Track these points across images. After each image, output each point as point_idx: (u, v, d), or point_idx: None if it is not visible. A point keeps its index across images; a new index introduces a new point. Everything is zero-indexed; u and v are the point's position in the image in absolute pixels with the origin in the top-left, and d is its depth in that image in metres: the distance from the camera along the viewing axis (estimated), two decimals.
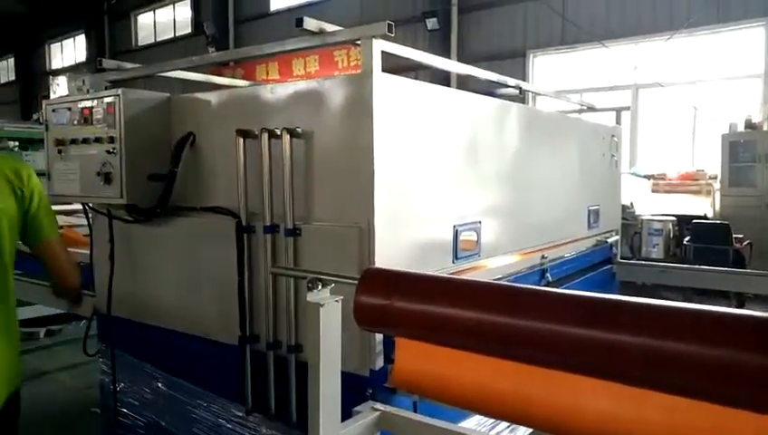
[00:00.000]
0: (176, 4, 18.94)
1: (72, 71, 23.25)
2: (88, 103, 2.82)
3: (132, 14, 20.56)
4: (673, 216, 8.04)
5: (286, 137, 2.36)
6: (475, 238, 2.84)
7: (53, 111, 3.01)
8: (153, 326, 2.98)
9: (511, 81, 3.76)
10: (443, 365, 1.54)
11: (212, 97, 2.78)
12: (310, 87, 2.41)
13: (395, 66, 2.24)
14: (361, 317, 1.49)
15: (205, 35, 16.16)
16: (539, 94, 4.28)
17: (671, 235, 7.92)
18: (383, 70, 2.25)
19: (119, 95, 2.69)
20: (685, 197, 9.03)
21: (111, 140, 2.71)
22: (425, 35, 12.20)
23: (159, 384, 3.03)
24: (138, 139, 2.73)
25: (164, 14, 19.49)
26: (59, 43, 24.87)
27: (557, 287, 3.65)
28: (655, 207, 8.79)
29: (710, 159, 9.20)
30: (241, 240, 2.52)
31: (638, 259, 7.56)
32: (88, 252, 3.48)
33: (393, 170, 2.29)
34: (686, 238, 7.62)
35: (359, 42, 2.32)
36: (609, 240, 4.64)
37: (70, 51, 24.19)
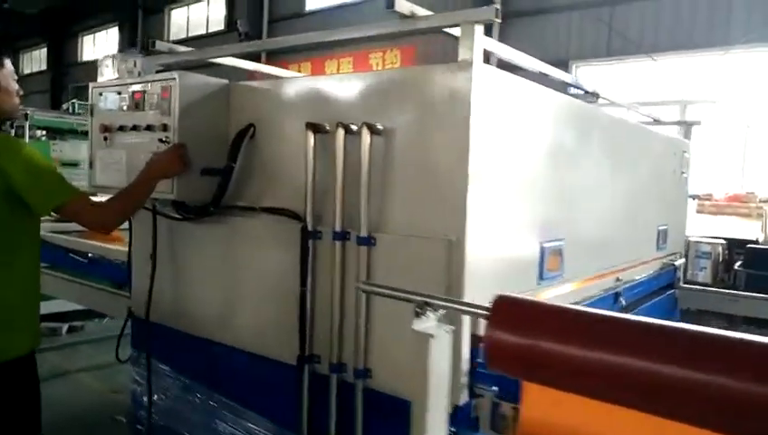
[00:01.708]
0: (210, 1, 18.88)
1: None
2: (140, 87, 2.58)
3: (166, 9, 20.55)
4: (723, 239, 7.63)
5: (366, 133, 2.08)
6: (559, 258, 2.54)
7: (100, 94, 2.76)
8: (196, 336, 2.71)
9: (588, 85, 3.47)
10: (582, 417, 1.24)
11: (276, 86, 2.51)
12: (393, 77, 2.14)
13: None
14: (495, 357, 1.19)
15: (238, 33, 16.01)
16: (616, 104, 3.97)
17: (720, 259, 7.52)
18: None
19: (175, 79, 2.43)
20: (732, 219, 8.60)
21: (164, 127, 2.46)
22: None
23: (198, 400, 2.75)
24: (193, 128, 2.47)
25: (198, 11, 19.44)
26: (92, 35, 25.00)
27: (629, 313, 3.37)
28: (700, 228, 8.37)
29: (762, 181, 8.77)
30: (306, 247, 2.24)
31: (683, 283, 7.16)
32: (124, 248, 3.26)
33: (487, 176, 2.01)
34: (738, 263, 7.21)
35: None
36: (676, 263, 4.30)
37: (102, 43, 24.27)
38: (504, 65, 2.49)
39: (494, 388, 1.83)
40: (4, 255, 2.09)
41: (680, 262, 4.38)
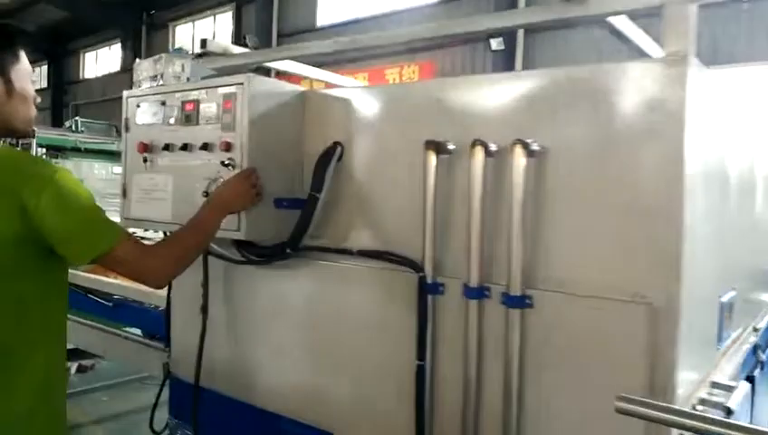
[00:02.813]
0: (216, 16, 18.45)
1: (105, 80, 22.95)
2: (192, 95, 2.03)
3: (171, 25, 20.12)
4: None
5: (520, 154, 1.52)
6: (731, 313, 1.98)
7: (138, 105, 2.21)
8: (260, 409, 2.12)
9: None
10: None
11: (369, 94, 1.96)
12: (555, 78, 1.58)
13: None
14: None
15: (246, 48, 15.56)
16: None
17: None
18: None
19: (242, 84, 1.88)
20: None
21: (228, 147, 1.90)
22: (485, 56, 11.46)
23: None
24: (266, 148, 1.92)
25: (204, 26, 19.00)
26: (94, 52, 24.53)
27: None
28: None
29: None
30: (424, 306, 1.68)
31: None
32: (157, 291, 2.70)
33: (697, 214, 1.45)
34: None
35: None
36: None
37: (104, 60, 23.81)
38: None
39: None
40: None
41: None
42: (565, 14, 1.60)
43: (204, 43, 2.29)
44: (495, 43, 10.74)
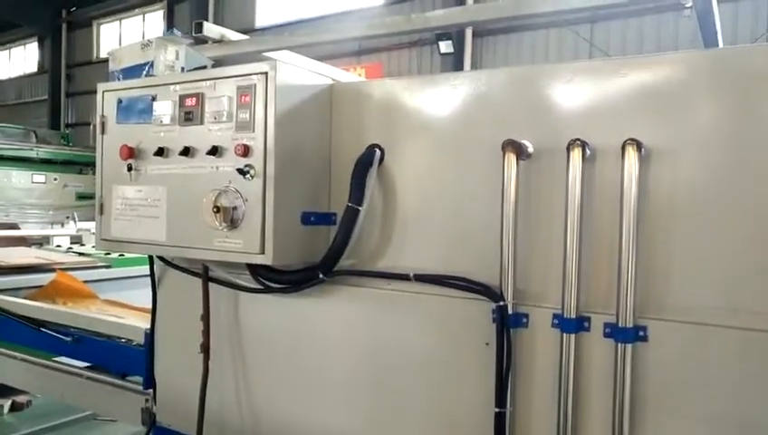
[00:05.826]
0: (146, 15, 17.46)
1: (20, 82, 21.42)
2: (196, 88, 1.66)
3: (95, 24, 18.90)
4: None
5: (632, 156, 1.27)
6: None
7: (120, 101, 1.82)
8: None
9: None
10: None
11: (417, 87, 1.64)
12: (662, 66, 1.33)
13: None
14: None
15: None
16: None
17: None
18: None
19: (266, 73, 1.54)
20: None
21: (245, 151, 1.55)
22: (432, 59, 11.31)
23: None
24: (293, 151, 1.58)
25: (131, 25, 17.95)
26: (6, 51, 22.79)
27: None
28: None
29: None
30: (506, 341, 1.39)
31: None
32: (126, 321, 2.32)
33: None
34: None
35: None
36: None
37: (18, 60, 22.16)
38: None
39: None
40: None
41: None
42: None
43: (199, 26, 1.91)
44: (444, 46, 10.61)
